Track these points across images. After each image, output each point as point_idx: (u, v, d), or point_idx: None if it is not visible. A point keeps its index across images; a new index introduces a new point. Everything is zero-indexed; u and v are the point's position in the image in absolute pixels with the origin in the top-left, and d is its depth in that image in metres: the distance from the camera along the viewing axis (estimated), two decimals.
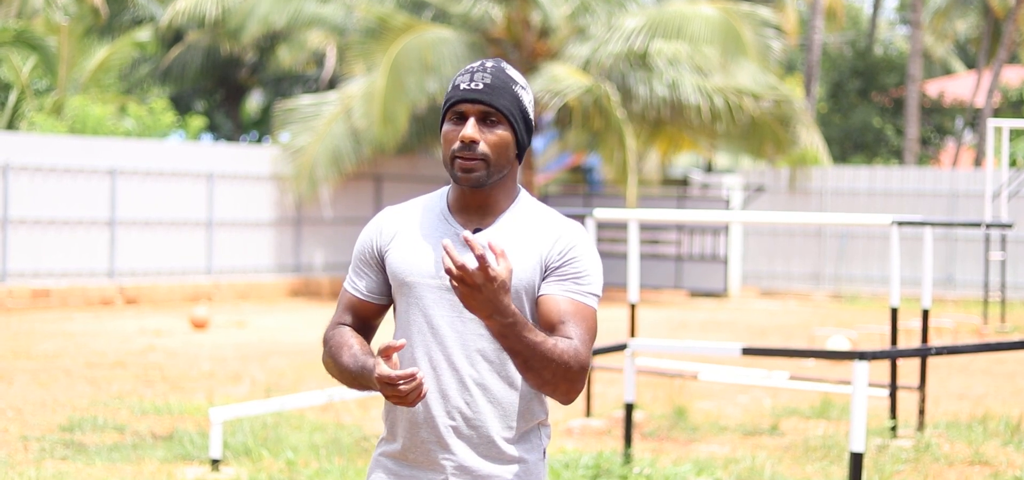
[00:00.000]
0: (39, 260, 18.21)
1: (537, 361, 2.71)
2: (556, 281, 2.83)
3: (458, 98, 2.84)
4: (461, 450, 2.84)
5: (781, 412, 9.73)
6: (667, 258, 23.58)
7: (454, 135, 2.84)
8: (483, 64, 2.88)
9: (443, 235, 2.88)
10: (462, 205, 2.89)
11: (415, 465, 2.89)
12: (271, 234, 21.23)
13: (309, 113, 21.36)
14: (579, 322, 2.80)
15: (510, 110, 2.85)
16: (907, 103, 27.64)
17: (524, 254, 2.84)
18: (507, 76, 2.87)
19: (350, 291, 3.00)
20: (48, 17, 24.00)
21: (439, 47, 20.39)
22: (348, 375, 2.89)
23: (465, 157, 2.82)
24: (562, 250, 2.84)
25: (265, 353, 13.10)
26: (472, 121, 2.83)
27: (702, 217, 9.05)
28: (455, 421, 2.84)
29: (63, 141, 18.81)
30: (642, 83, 21.05)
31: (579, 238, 2.87)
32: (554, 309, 2.80)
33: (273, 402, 8.07)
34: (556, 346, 2.72)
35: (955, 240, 22.65)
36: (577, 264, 2.84)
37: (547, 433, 2.95)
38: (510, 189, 2.91)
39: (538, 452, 2.91)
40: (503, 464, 2.85)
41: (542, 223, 2.88)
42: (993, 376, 12.36)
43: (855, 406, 5.85)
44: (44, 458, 7.71)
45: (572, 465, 7.42)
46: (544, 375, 2.73)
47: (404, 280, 2.89)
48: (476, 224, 2.88)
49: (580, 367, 2.76)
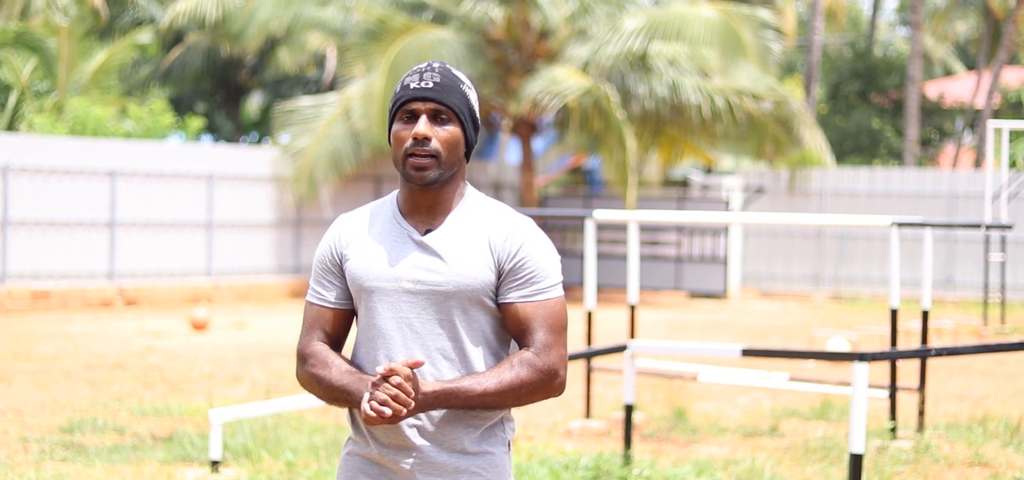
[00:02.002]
0: (39, 261, 18.21)
1: (494, 400, 2.86)
2: (515, 288, 2.91)
3: (409, 97, 2.92)
4: (426, 447, 2.90)
5: (781, 413, 9.73)
6: (667, 259, 23.58)
7: (406, 134, 2.91)
8: (430, 65, 2.96)
9: (396, 237, 2.95)
10: (412, 206, 2.97)
11: (382, 462, 2.94)
12: (271, 235, 21.23)
13: (309, 114, 21.36)
14: (541, 324, 2.90)
15: (460, 108, 2.93)
16: (907, 104, 27.64)
17: (475, 253, 2.91)
18: (454, 76, 2.95)
19: (318, 303, 3.05)
20: (48, 18, 24.00)
21: (438, 48, 20.39)
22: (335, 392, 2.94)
23: (418, 154, 2.89)
24: (512, 251, 2.91)
25: (265, 354, 13.10)
26: (424, 119, 2.90)
27: (702, 218, 9.05)
28: (420, 420, 2.90)
29: (63, 142, 18.81)
30: (642, 84, 21.06)
31: (528, 234, 2.93)
32: (517, 319, 2.91)
33: (273, 403, 8.06)
34: (501, 379, 2.85)
35: (955, 241, 22.64)
36: (530, 264, 2.91)
37: (511, 426, 3.01)
38: (459, 187, 2.98)
39: (503, 445, 2.97)
40: (468, 458, 2.91)
41: (491, 221, 2.95)
42: (993, 377, 12.36)
43: (855, 407, 5.85)
44: (44, 459, 7.71)
45: (572, 466, 7.42)
46: (511, 402, 2.88)
47: (363, 285, 2.96)
48: (426, 224, 2.95)
49: (540, 372, 2.88)
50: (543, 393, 2.89)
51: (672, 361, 10.26)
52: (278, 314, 18.31)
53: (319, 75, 32.41)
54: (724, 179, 25.34)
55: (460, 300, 2.89)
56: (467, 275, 2.89)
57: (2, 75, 23.76)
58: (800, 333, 16.49)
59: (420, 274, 2.90)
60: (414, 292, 2.90)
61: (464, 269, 2.89)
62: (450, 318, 2.90)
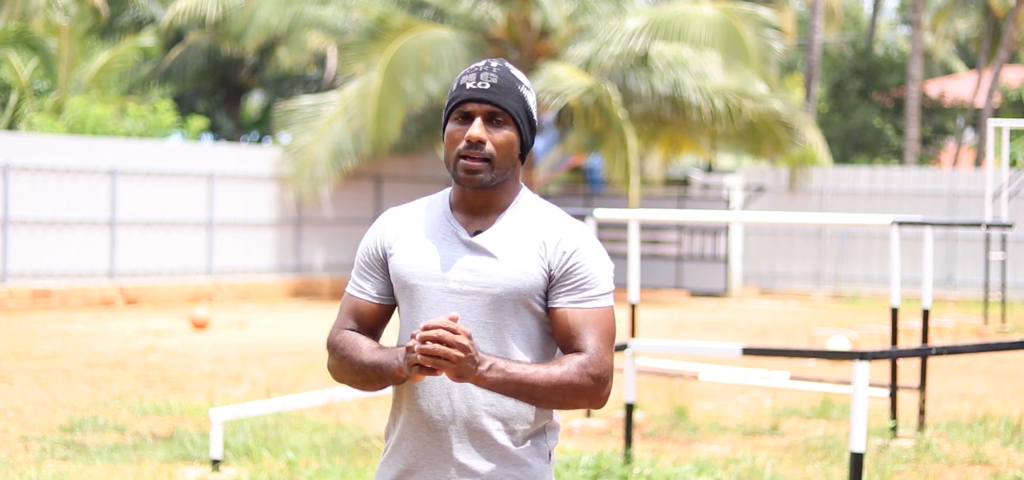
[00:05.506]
0: (39, 261, 18.21)
1: (539, 394, 2.75)
2: (565, 293, 2.81)
3: (464, 97, 2.82)
4: (464, 452, 2.82)
5: (781, 412, 9.73)
6: (668, 258, 23.59)
7: (459, 135, 2.82)
8: (488, 64, 2.86)
9: (445, 235, 2.86)
10: (464, 205, 2.87)
11: (419, 468, 2.86)
12: (272, 234, 21.23)
13: (309, 113, 21.36)
14: (591, 331, 2.79)
15: (516, 111, 2.83)
16: (907, 103, 27.64)
17: (525, 255, 2.82)
18: (512, 76, 2.85)
19: (355, 295, 2.95)
20: (48, 17, 23.99)
21: (438, 47, 20.39)
22: (367, 369, 2.83)
23: (470, 157, 2.80)
24: (565, 256, 2.82)
25: (266, 353, 13.10)
26: (479, 121, 2.81)
27: (702, 217, 9.06)
28: (457, 424, 2.82)
29: (63, 141, 18.81)
30: (643, 83, 21.06)
31: (582, 239, 2.84)
32: (565, 324, 2.81)
33: (274, 402, 8.07)
34: (551, 374, 2.74)
35: (955, 240, 22.64)
36: (582, 270, 2.82)
37: (554, 435, 2.92)
38: (512, 189, 2.88)
39: (543, 455, 2.88)
40: (507, 466, 2.83)
41: (544, 223, 2.86)
42: (994, 376, 12.36)
43: (855, 406, 5.85)
44: (44, 458, 7.71)
45: (572, 465, 7.42)
46: (553, 402, 2.77)
47: (407, 282, 2.87)
48: (478, 225, 2.86)
49: (593, 378, 2.77)
50: (588, 400, 2.78)
51: (673, 360, 10.26)
52: (279, 313, 18.31)
53: (320, 74, 32.42)
54: (725, 178, 25.34)
55: (507, 302, 2.81)
56: (516, 277, 2.80)
57: (2, 74, 23.77)
58: (801, 332, 16.49)
59: (466, 275, 2.82)
60: (459, 292, 2.81)
61: (513, 270, 2.80)
62: (495, 321, 2.81)
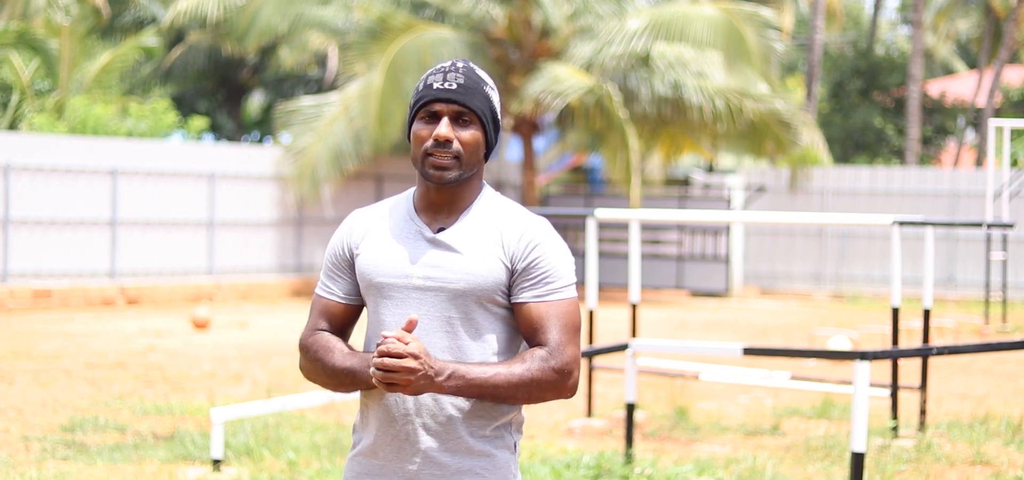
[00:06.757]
0: (40, 260, 18.22)
1: (503, 395, 2.83)
2: (528, 287, 2.89)
3: (432, 97, 2.90)
4: (430, 445, 2.88)
5: (782, 412, 9.73)
6: (668, 258, 23.58)
7: (427, 133, 2.90)
8: (454, 64, 2.93)
9: (409, 234, 2.94)
10: (427, 203, 2.95)
11: (386, 461, 2.93)
12: (272, 234, 21.23)
13: (310, 114, 21.36)
14: (554, 324, 2.87)
15: (482, 110, 2.91)
16: (908, 103, 27.63)
17: (487, 250, 2.90)
18: (478, 77, 2.93)
19: (325, 296, 3.02)
20: (49, 18, 24.00)
21: (439, 47, 20.39)
22: (339, 373, 2.92)
23: (438, 155, 2.88)
24: (527, 250, 2.89)
25: (266, 353, 13.10)
26: (446, 120, 2.89)
27: (703, 217, 9.05)
28: (424, 417, 2.88)
29: (64, 141, 18.81)
30: (644, 83, 21.05)
31: (543, 234, 2.92)
32: (529, 318, 2.88)
33: (274, 402, 8.07)
34: (511, 373, 2.82)
35: (956, 240, 22.63)
36: (543, 264, 2.89)
37: (518, 427, 2.98)
38: (475, 187, 2.96)
39: (508, 447, 2.94)
40: (472, 458, 2.89)
41: (505, 219, 2.93)
42: (994, 376, 12.36)
43: (856, 406, 5.85)
44: (45, 458, 7.71)
45: (573, 465, 7.42)
46: (519, 399, 2.85)
47: (372, 280, 2.94)
48: (441, 222, 2.94)
49: (556, 372, 2.85)
50: (555, 392, 2.86)
51: (674, 360, 10.26)
52: (280, 313, 18.32)
53: (321, 74, 32.42)
54: (726, 178, 25.34)
55: (470, 297, 2.87)
56: (478, 272, 2.87)
57: (4, 75, 23.77)
58: (801, 332, 16.49)
59: (430, 271, 2.89)
60: (423, 289, 2.88)
61: (476, 266, 2.88)
62: (460, 315, 2.88)
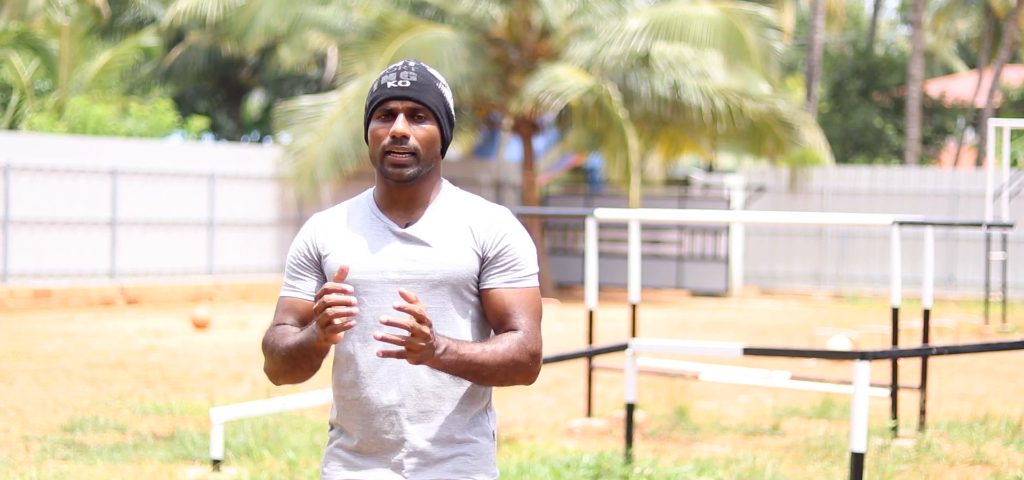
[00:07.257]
0: (40, 260, 18.22)
1: (486, 373, 2.89)
2: (497, 274, 2.97)
3: (387, 96, 2.96)
4: (413, 436, 2.93)
5: (782, 412, 9.73)
6: (668, 258, 23.59)
7: (384, 132, 2.95)
8: (407, 64, 3.00)
9: (377, 231, 2.98)
10: (390, 201, 3.00)
11: (369, 454, 2.96)
12: (272, 234, 21.24)
13: (310, 114, 21.36)
14: (524, 309, 2.96)
15: (436, 106, 2.97)
16: (908, 103, 27.63)
17: (458, 242, 2.97)
18: (430, 74, 3.00)
19: (290, 295, 3.04)
20: (49, 18, 23.99)
21: (439, 47, 20.39)
22: (292, 350, 2.91)
23: (396, 152, 2.93)
24: (496, 239, 2.97)
25: None
26: (402, 117, 2.95)
27: (703, 217, 9.05)
28: (406, 408, 2.93)
29: (64, 141, 18.81)
30: (644, 83, 21.05)
31: (509, 224, 3.01)
32: (499, 304, 2.96)
33: (274, 402, 8.07)
34: (496, 351, 2.90)
35: (956, 240, 22.64)
36: (512, 252, 2.98)
37: (493, 415, 3.05)
38: (435, 182, 3.02)
39: (487, 434, 3.02)
40: (456, 446, 2.96)
41: (471, 211, 3.01)
42: (994, 376, 12.36)
43: (856, 406, 5.85)
44: (45, 458, 7.71)
45: (573, 465, 7.42)
46: (497, 379, 2.92)
47: (348, 279, 2.95)
48: (406, 218, 2.98)
49: (529, 355, 2.94)
50: (525, 375, 2.94)
51: (673, 360, 10.26)
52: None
53: (320, 74, 32.43)
54: (725, 178, 25.34)
55: (445, 288, 2.93)
56: (452, 262, 2.93)
57: (4, 75, 23.77)
58: (801, 332, 16.49)
59: (405, 264, 2.94)
60: (400, 282, 2.92)
61: (449, 256, 2.93)
62: (436, 306, 2.92)
